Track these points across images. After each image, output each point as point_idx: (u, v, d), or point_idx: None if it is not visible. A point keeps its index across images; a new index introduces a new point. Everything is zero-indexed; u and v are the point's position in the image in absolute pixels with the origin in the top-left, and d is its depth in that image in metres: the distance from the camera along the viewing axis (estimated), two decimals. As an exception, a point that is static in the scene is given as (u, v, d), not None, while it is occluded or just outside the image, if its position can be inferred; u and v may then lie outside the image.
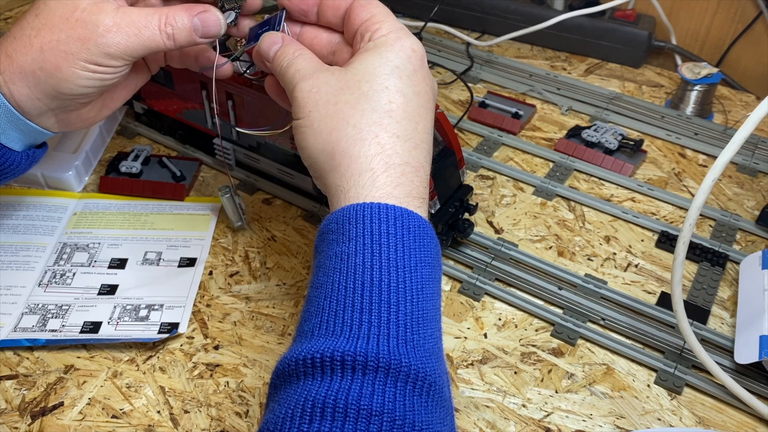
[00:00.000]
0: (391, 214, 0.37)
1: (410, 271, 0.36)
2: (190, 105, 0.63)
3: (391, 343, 0.33)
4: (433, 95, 0.43)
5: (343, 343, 0.33)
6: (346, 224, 0.37)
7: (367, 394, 0.31)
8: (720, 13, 0.82)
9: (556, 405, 0.47)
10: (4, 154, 0.46)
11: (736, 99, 0.77)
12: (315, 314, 0.36)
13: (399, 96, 0.40)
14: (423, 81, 0.41)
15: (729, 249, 0.58)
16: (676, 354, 0.50)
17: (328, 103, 0.40)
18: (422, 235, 0.38)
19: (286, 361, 0.34)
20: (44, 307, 0.52)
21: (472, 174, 0.66)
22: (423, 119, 0.41)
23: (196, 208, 0.61)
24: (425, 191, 0.40)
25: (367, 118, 0.39)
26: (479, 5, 0.86)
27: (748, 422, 0.46)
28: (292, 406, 0.32)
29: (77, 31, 0.43)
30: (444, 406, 0.34)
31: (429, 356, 0.34)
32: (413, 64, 0.41)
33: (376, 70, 0.40)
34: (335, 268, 0.36)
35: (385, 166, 0.38)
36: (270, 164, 0.61)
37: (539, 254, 0.58)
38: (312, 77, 0.41)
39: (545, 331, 0.52)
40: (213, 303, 0.53)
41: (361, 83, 0.40)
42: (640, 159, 0.67)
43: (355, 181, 0.38)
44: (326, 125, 0.40)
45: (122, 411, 0.46)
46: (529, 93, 0.77)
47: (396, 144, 0.39)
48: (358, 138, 0.39)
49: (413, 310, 0.35)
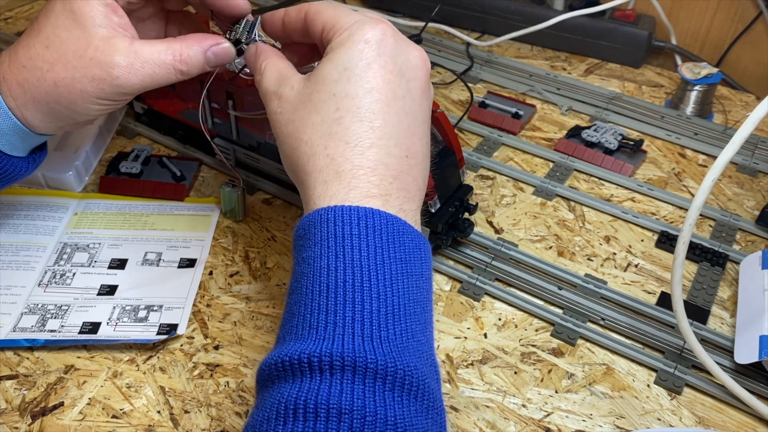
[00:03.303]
0: (354, 215, 0.37)
1: (376, 270, 0.36)
2: (190, 105, 0.63)
3: (356, 341, 0.33)
4: (403, 79, 0.40)
5: (310, 346, 0.33)
6: (311, 229, 0.38)
7: (336, 393, 0.31)
8: (720, 13, 0.82)
9: (556, 405, 0.47)
10: (13, 164, 0.48)
11: (736, 99, 0.77)
12: (288, 319, 0.37)
13: (346, 101, 0.39)
14: (380, 71, 0.39)
15: (729, 249, 0.58)
16: (676, 354, 0.50)
17: (287, 122, 0.41)
18: (390, 231, 0.37)
19: (262, 367, 0.35)
20: (44, 307, 0.52)
21: (472, 174, 0.66)
22: (381, 114, 0.39)
23: (196, 208, 0.61)
24: (392, 186, 0.39)
25: (317, 130, 0.39)
26: (479, 5, 0.86)
27: (748, 422, 0.46)
28: (268, 409, 0.32)
29: (92, 71, 0.43)
30: (425, 399, 0.34)
31: (401, 351, 0.34)
32: (366, 59, 0.39)
33: (326, 77, 0.40)
34: (303, 273, 0.37)
35: (335, 174, 0.38)
36: (270, 164, 0.61)
37: (539, 254, 0.58)
38: (275, 95, 0.42)
39: (545, 331, 0.52)
40: (213, 303, 0.53)
41: (312, 95, 0.40)
42: (640, 159, 0.67)
43: (311, 194, 0.39)
44: (288, 145, 0.41)
45: (122, 411, 0.46)
46: (529, 93, 0.77)
47: (345, 151, 0.38)
48: (311, 153, 0.39)
49: (381, 307, 0.35)
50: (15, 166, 0.48)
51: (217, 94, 0.59)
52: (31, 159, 0.49)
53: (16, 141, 0.46)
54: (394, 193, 0.39)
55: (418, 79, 0.41)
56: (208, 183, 0.64)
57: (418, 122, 0.41)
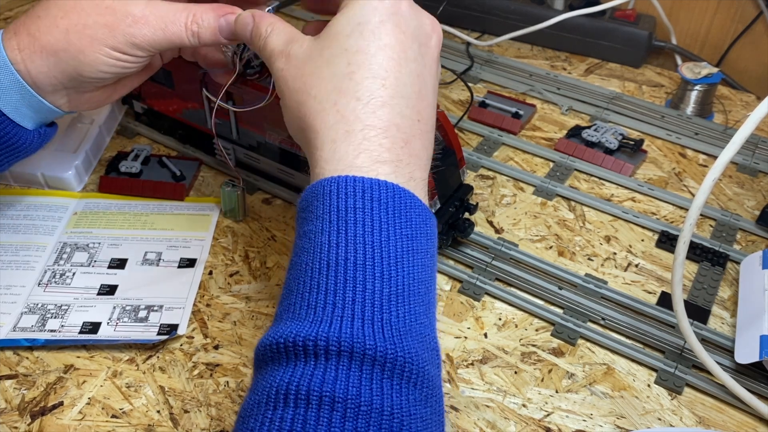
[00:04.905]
0: (359, 186, 0.35)
1: (380, 247, 0.34)
2: (190, 105, 0.63)
3: (355, 324, 0.32)
4: (416, 41, 0.39)
5: (307, 327, 0.32)
6: (314, 202, 0.36)
7: (330, 380, 0.30)
8: (720, 13, 0.82)
9: (556, 405, 0.47)
10: (17, 133, 0.47)
11: (736, 99, 0.77)
12: (286, 296, 0.35)
13: (359, 56, 0.37)
14: (394, 30, 0.38)
15: (729, 249, 0.58)
16: (677, 354, 0.50)
17: (295, 78, 0.39)
18: (397, 205, 0.35)
19: (258, 348, 0.34)
20: (44, 307, 0.52)
21: (473, 174, 0.66)
22: (393, 73, 0.38)
23: (196, 208, 0.61)
24: (403, 151, 0.37)
25: (327, 85, 0.37)
26: (479, 5, 0.86)
27: (749, 422, 0.46)
28: (260, 393, 0.31)
29: (106, 18, 0.43)
30: (425, 386, 0.32)
31: (403, 336, 0.33)
32: (380, 15, 0.38)
33: (338, 32, 0.38)
34: (304, 248, 0.35)
35: (345, 134, 0.36)
36: (270, 164, 0.61)
37: (539, 254, 0.57)
38: (282, 54, 0.40)
39: (545, 331, 0.52)
40: (213, 303, 0.53)
41: (323, 50, 0.38)
42: (640, 159, 0.67)
43: (319, 156, 0.37)
44: (295, 101, 0.39)
45: (122, 411, 0.46)
46: (529, 93, 0.77)
47: (356, 108, 0.37)
48: (320, 109, 0.37)
49: (384, 287, 0.33)
50: (19, 135, 0.47)
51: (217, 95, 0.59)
52: (37, 133, 0.48)
53: (18, 102, 0.45)
54: (405, 159, 0.37)
55: (430, 46, 0.40)
56: (207, 183, 0.64)
57: (428, 88, 0.40)
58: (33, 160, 0.62)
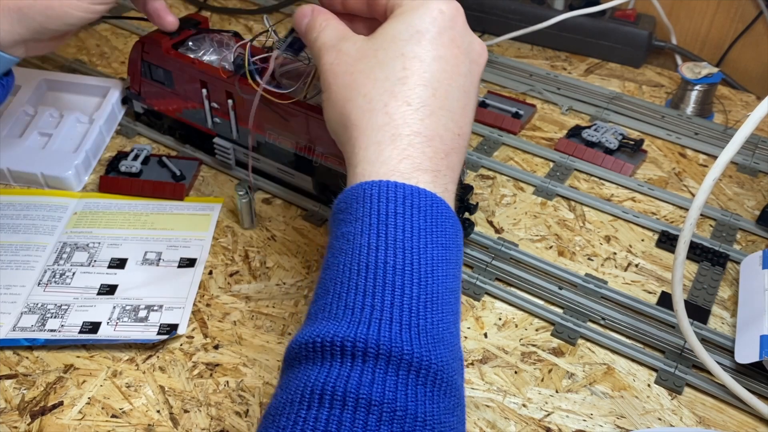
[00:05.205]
0: (400, 193, 0.35)
1: (418, 253, 0.34)
2: (190, 104, 0.63)
3: (393, 328, 0.32)
4: (467, 58, 0.40)
5: (344, 328, 0.32)
6: (354, 203, 0.36)
7: (367, 383, 0.30)
8: (720, 13, 0.82)
9: (556, 405, 0.47)
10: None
11: (736, 99, 0.77)
12: (321, 296, 0.35)
13: (415, 62, 0.38)
14: (450, 44, 0.39)
15: (729, 249, 0.58)
16: (677, 354, 0.50)
17: (345, 73, 0.39)
18: (434, 214, 0.36)
19: (291, 345, 0.34)
20: (43, 307, 0.52)
21: (473, 174, 0.66)
22: (444, 85, 0.38)
23: (196, 208, 0.61)
24: (443, 162, 0.38)
25: (379, 86, 0.38)
26: (479, 5, 0.86)
27: (749, 422, 0.46)
28: (293, 391, 0.31)
29: None
30: (453, 395, 0.33)
31: (437, 343, 0.33)
32: (438, 26, 0.39)
33: (395, 36, 0.39)
34: (341, 249, 0.35)
35: (391, 137, 0.37)
36: (270, 164, 0.61)
37: (539, 254, 0.57)
38: (334, 49, 0.40)
39: (545, 331, 0.52)
40: (213, 302, 0.53)
41: (378, 51, 0.39)
42: (640, 159, 0.67)
43: (362, 156, 0.37)
44: (341, 96, 0.39)
45: (122, 410, 0.46)
46: (529, 93, 0.77)
47: (406, 113, 0.37)
48: (368, 108, 0.38)
49: (421, 293, 0.33)
50: None
51: (217, 94, 0.59)
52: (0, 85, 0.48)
53: None
54: (443, 170, 0.38)
55: (479, 65, 0.41)
56: (207, 182, 0.64)
57: (471, 105, 0.40)
58: (33, 160, 0.62)
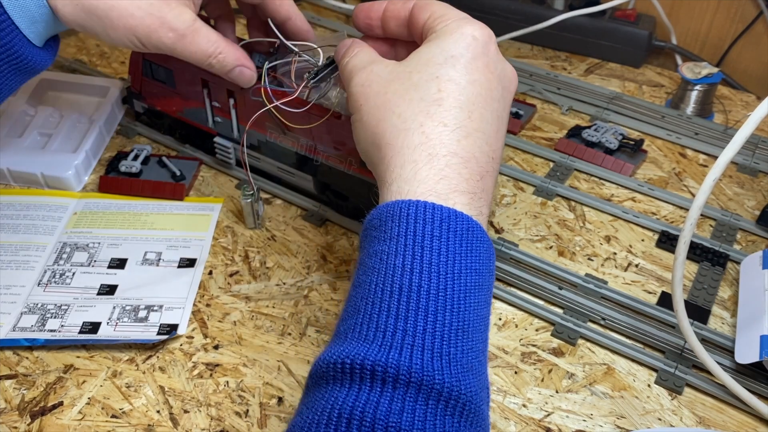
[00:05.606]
0: (437, 215, 0.35)
1: (453, 278, 0.34)
2: (191, 103, 0.63)
3: (425, 355, 0.31)
4: (500, 84, 0.41)
5: (375, 351, 0.31)
6: (389, 222, 0.36)
7: (396, 411, 0.29)
8: (720, 13, 0.82)
9: (556, 405, 0.47)
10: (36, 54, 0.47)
11: (736, 99, 0.77)
12: (351, 315, 0.34)
13: (450, 85, 0.38)
14: (484, 69, 0.40)
15: (729, 249, 0.58)
16: (677, 354, 0.50)
17: (377, 94, 0.39)
18: (470, 238, 0.35)
19: (318, 363, 0.33)
20: (43, 307, 0.52)
21: (473, 174, 0.66)
22: (479, 108, 0.39)
23: (196, 208, 0.61)
24: (478, 185, 0.37)
25: (414, 107, 0.38)
26: (479, 5, 0.86)
27: (749, 422, 0.46)
28: (319, 412, 0.31)
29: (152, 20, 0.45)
30: (479, 425, 0.32)
31: (466, 372, 0.32)
32: (472, 52, 0.39)
33: (430, 59, 0.39)
34: (374, 268, 0.35)
35: (428, 157, 0.37)
36: (270, 163, 0.61)
37: (539, 254, 0.57)
38: (365, 70, 0.41)
39: (545, 331, 0.52)
40: (213, 302, 0.53)
41: (412, 74, 0.39)
42: (640, 159, 0.67)
43: (397, 174, 0.37)
44: (374, 116, 0.39)
45: (122, 411, 0.46)
46: (529, 93, 0.77)
47: (442, 133, 0.37)
48: (403, 128, 0.38)
49: (453, 320, 0.33)
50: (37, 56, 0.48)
51: (218, 93, 0.59)
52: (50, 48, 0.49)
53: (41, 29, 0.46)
54: (479, 193, 0.38)
55: (510, 91, 0.42)
56: (207, 182, 0.64)
57: (503, 130, 0.41)
58: (33, 160, 0.62)
